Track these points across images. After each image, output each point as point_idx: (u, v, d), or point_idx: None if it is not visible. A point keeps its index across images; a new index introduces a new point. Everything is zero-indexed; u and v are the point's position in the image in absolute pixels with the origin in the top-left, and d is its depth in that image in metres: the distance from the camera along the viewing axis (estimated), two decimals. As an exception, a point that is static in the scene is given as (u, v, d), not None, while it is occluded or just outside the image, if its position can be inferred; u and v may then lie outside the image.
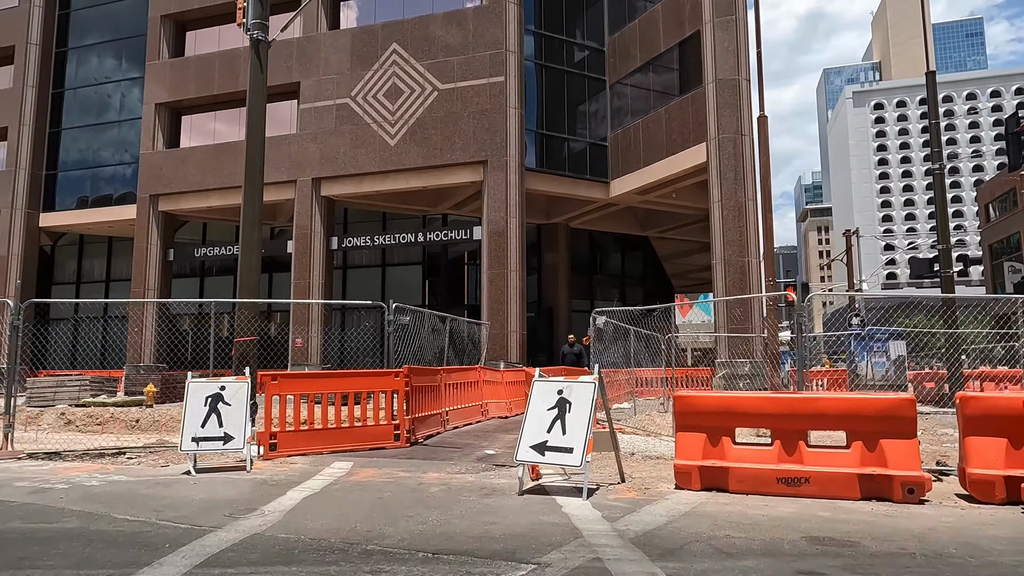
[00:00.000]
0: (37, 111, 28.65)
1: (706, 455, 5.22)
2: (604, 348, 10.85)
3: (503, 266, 21.04)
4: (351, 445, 7.43)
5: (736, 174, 19.33)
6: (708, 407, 5.32)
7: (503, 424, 10.84)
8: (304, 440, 7.23)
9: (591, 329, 10.43)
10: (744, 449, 5.22)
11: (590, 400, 5.20)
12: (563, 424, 5.17)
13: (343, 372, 8.15)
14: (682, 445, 5.35)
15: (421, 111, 22.42)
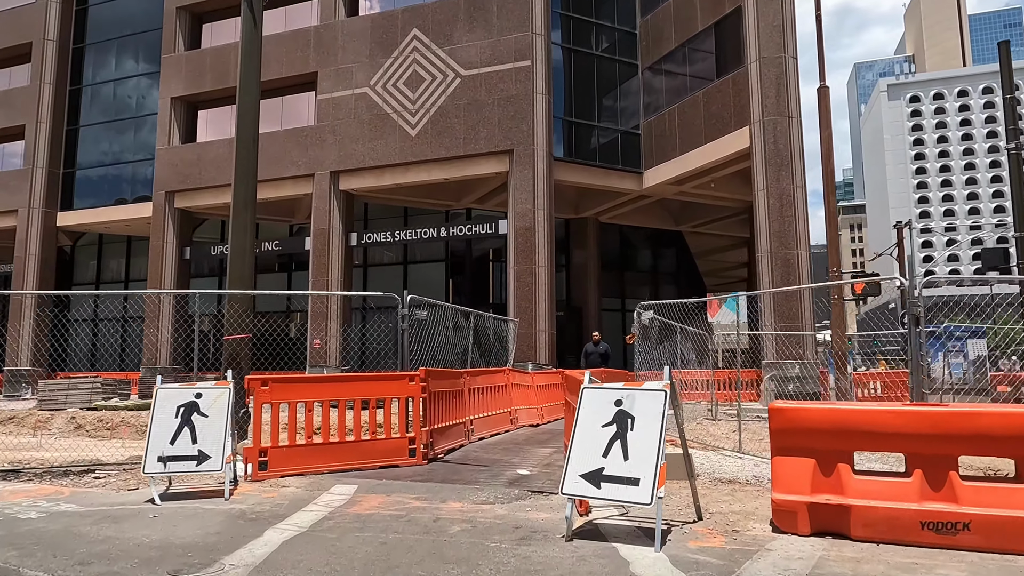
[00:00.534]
0: (54, 108, 28.13)
1: (816, 488, 3.90)
2: (650, 347, 9.52)
3: (530, 261, 19.77)
4: (357, 463, 6.23)
5: (782, 160, 17.81)
6: (818, 423, 3.99)
7: (535, 434, 9.57)
8: (300, 457, 6.04)
9: (635, 326, 9.13)
10: (869, 481, 3.88)
11: (660, 414, 3.91)
12: (624, 446, 3.89)
13: (349, 376, 6.96)
14: (782, 473, 4.03)
15: (443, 99, 21.27)
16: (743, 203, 24.77)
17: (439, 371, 7.40)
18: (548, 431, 10.03)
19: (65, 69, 28.73)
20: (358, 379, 6.56)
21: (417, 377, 6.66)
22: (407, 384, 6.59)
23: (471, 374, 8.64)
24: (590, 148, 22.88)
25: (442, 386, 7.28)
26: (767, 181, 17.92)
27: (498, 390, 9.58)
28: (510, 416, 9.89)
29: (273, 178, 23.33)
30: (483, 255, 26.74)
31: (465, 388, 8.23)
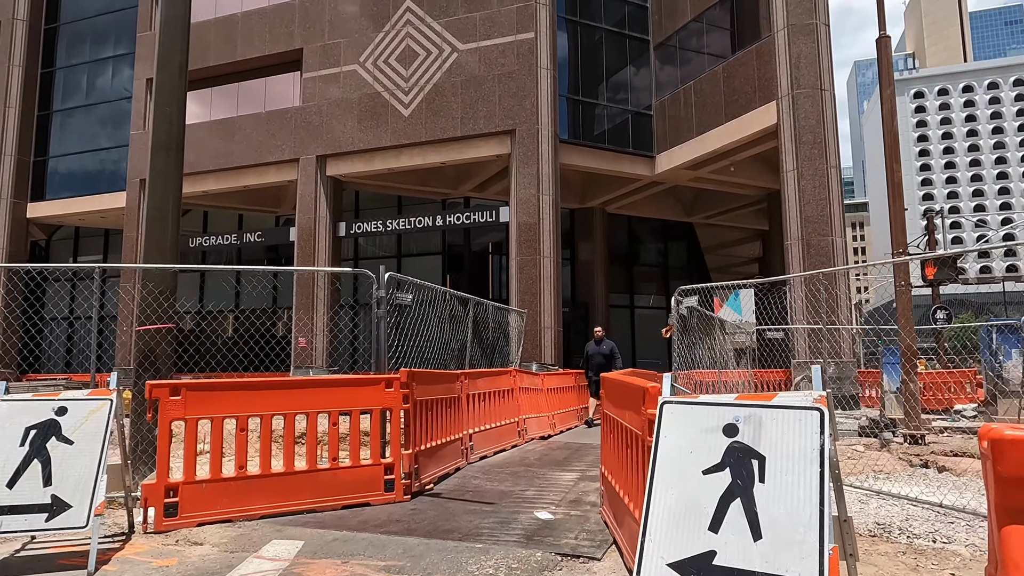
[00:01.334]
0: (24, 92, 26.33)
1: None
2: (691, 343, 7.75)
3: (535, 251, 18.00)
4: (311, 501, 4.47)
5: (815, 136, 16.06)
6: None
7: (548, 450, 7.80)
8: (228, 496, 4.27)
9: (672, 317, 7.37)
10: None
11: (813, 452, 2.13)
12: (750, 510, 2.11)
13: (303, 381, 5.17)
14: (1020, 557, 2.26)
15: (439, 76, 19.50)
16: (761, 191, 23.05)
17: (428, 373, 5.63)
18: (564, 445, 8.26)
19: (36, 51, 26.94)
20: (316, 384, 4.80)
21: (397, 381, 4.90)
22: (382, 391, 4.82)
23: (470, 376, 6.87)
24: (598, 130, 21.13)
25: (432, 392, 5.51)
26: (797, 161, 16.18)
27: (503, 396, 7.81)
28: (518, 427, 8.13)
29: (255, 164, 21.61)
30: (483, 246, 24.98)
31: (462, 394, 6.47)
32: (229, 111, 22.84)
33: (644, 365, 27.72)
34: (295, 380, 4.98)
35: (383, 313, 5.20)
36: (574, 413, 10.87)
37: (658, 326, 28.18)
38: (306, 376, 10.74)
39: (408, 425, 5.01)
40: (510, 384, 8.13)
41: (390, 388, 4.87)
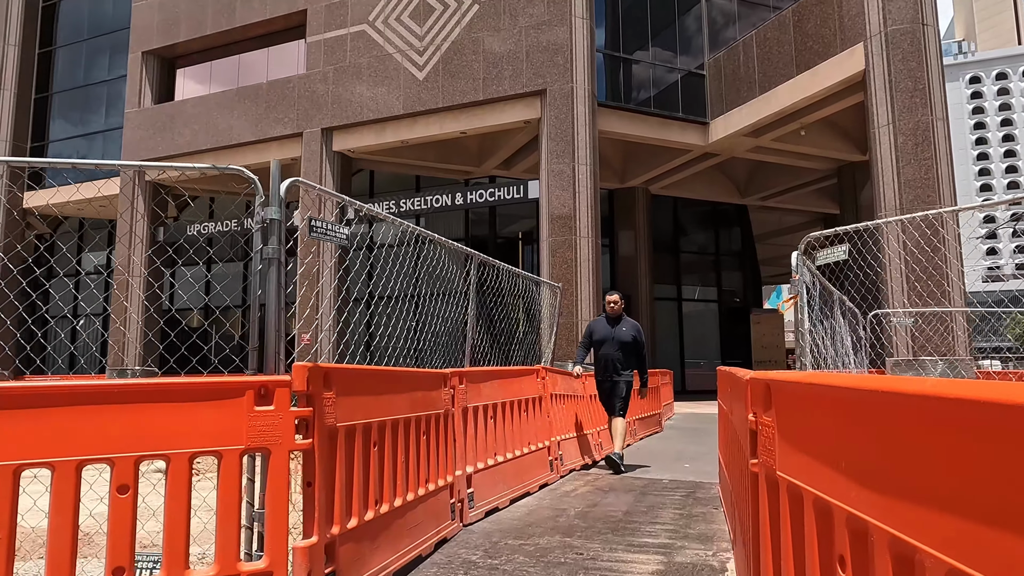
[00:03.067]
0: (21, 72, 24.60)
1: None
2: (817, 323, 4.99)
3: (569, 231, 15.28)
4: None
5: (916, 83, 13.02)
6: None
7: (596, 496, 5.07)
8: None
9: (792, 287, 4.63)
10: None
11: None
12: None
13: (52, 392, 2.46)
14: None
15: (457, 32, 16.92)
16: (831, 164, 19.95)
17: (367, 373, 2.95)
18: (618, 483, 5.53)
19: (34, 29, 25.23)
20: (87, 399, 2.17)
21: (283, 389, 2.26)
22: (246, 410, 2.19)
23: (470, 379, 4.19)
24: (642, 92, 18.30)
25: (377, 408, 2.85)
26: (893, 113, 13.14)
27: (527, 408, 5.12)
28: (549, 454, 5.43)
29: (255, 140, 19.33)
30: (511, 228, 22.37)
31: (454, 408, 3.80)
32: (229, 86, 20.64)
33: (692, 365, 24.81)
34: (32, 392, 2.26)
35: (273, 252, 2.58)
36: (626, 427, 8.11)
37: (707, 320, 25.28)
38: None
39: (317, 480, 2.35)
40: (536, 390, 5.43)
41: (266, 405, 2.25)
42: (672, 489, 5.18)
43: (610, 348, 6.56)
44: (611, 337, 6.60)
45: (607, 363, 6.57)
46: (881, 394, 1.01)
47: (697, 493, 5.00)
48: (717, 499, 4.75)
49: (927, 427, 0.88)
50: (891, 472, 0.98)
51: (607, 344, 6.60)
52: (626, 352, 6.57)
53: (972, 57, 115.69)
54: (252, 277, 2.63)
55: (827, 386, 1.31)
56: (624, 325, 6.66)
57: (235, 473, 2.20)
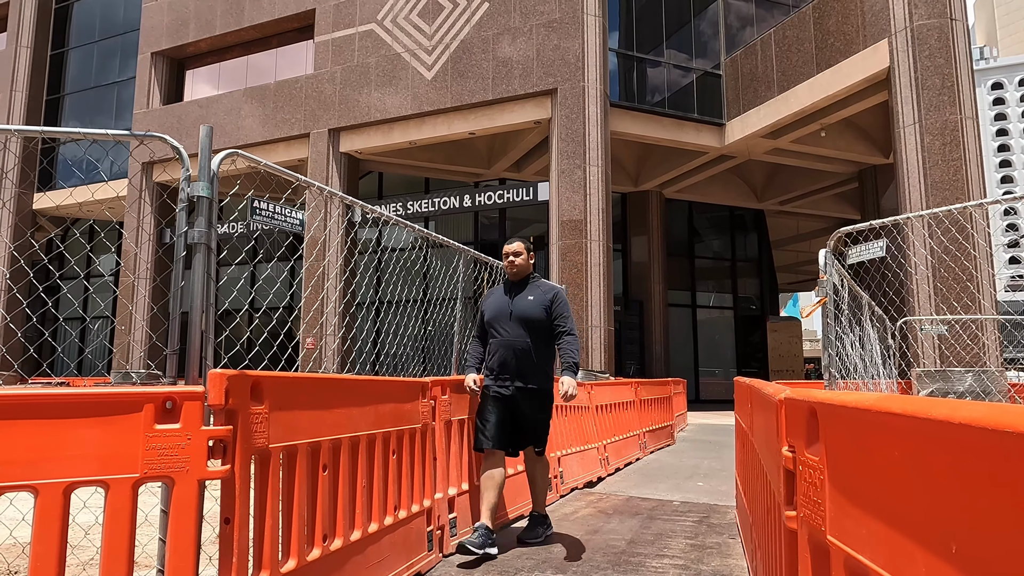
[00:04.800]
0: (33, 73, 24.59)
1: None
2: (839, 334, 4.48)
3: (580, 234, 14.80)
4: None
5: (944, 80, 12.42)
6: None
7: (599, 520, 4.57)
8: None
9: (819, 289, 4.15)
10: None
11: None
12: None
13: None
14: None
15: (467, 30, 16.54)
16: (852, 166, 19.31)
17: (313, 381, 2.48)
18: (624, 505, 5.04)
19: (46, 31, 25.22)
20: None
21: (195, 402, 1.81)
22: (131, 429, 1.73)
23: (452, 388, 3.73)
24: (656, 92, 17.80)
25: (331, 425, 2.38)
26: (920, 112, 12.54)
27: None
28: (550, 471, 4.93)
29: (262, 141, 19.06)
30: (521, 230, 21.90)
31: (435, 422, 3.34)
32: (238, 84, 20.43)
33: (707, 374, 24.16)
34: None
35: (200, 237, 2.13)
36: (634, 441, 7.61)
37: (722, 328, 24.64)
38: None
39: (236, 516, 1.88)
40: (535, 400, 4.94)
41: (170, 422, 1.80)
42: (683, 513, 4.66)
43: (506, 331, 3.85)
44: (507, 312, 3.89)
45: (502, 359, 3.82)
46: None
47: (711, 518, 4.48)
48: (734, 526, 4.24)
49: None
50: None
51: (501, 324, 3.89)
52: (535, 336, 3.83)
53: (994, 63, 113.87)
54: (175, 265, 2.18)
55: (920, 418, 0.82)
56: (531, 292, 3.93)
57: (125, 509, 1.75)
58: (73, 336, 27.39)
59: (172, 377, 2.09)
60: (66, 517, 1.70)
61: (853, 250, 4.09)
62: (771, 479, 1.67)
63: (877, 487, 0.95)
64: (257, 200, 2.45)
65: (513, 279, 4.05)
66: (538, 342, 3.87)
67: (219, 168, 2.26)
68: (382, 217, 3.93)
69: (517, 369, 3.80)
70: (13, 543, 3.24)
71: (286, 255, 22.39)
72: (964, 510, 0.73)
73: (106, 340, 26.60)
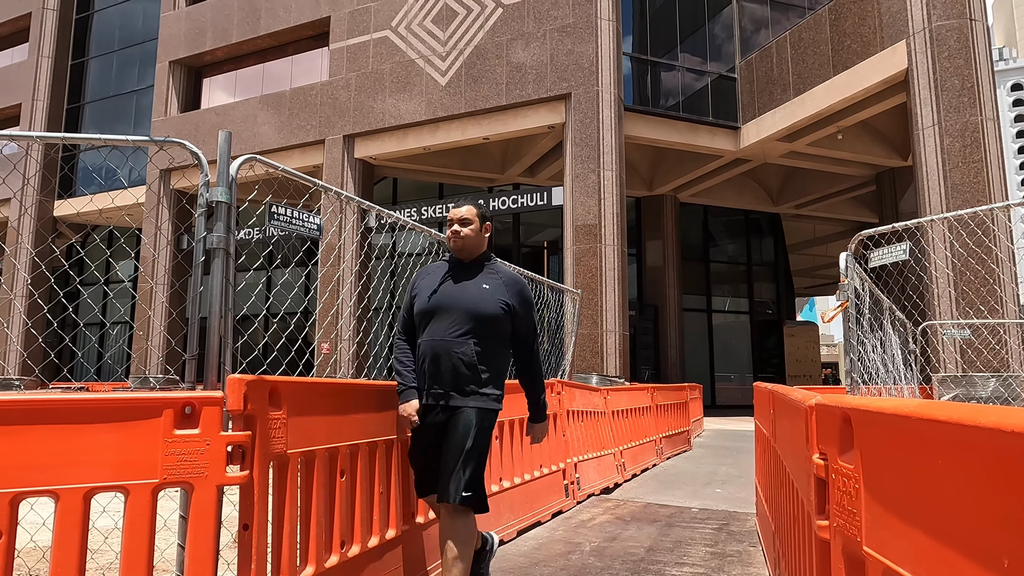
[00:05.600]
0: (54, 83, 24.98)
1: None
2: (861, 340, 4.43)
3: (594, 238, 14.75)
4: None
5: (963, 81, 12.26)
6: None
7: (616, 527, 4.51)
8: None
9: (841, 293, 4.09)
10: None
11: None
12: None
13: None
14: None
15: (480, 36, 16.59)
16: (870, 169, 19.12)
17: (332, 389, 2.47)
18: (642, 512, 4.99)
19: (67, 41, 25.62)
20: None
21: (214, 407, 1.81)
22: (151, 434, 1.73)
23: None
24: (671, 96, 17.74)
25: (349, 431, 2.36)
26: (939, 113, 12.39)
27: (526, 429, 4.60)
28: (564, 477, 4.91)
29: (278, 148, 19.21)
30: (535, 235, 21.93)
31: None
32: (254, 91, 20.63)
33: (722, 379, 23.96)
34: None
35: (219, 242, 2.13)
36: (651, 446, 7.54)
37: (738, 332, 24.44)
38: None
39: (256, 522, 1.88)
40: (551, 406, 4.92)
41: (189, 428, 1.79)
42: (702, 520, 4.61)
43: (445, 329, 2.78)
44: (449, 302, 2.82)
45: (435, 369, 2.76)
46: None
47: (731, 526, 4.42)
48: (754, 534, 4.17)
49: None
50: None
51: (439, 319, 2.81)
52: (486, 340, 2.78)
53: (1014, 64, 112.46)
54: (193, 271, 2.19)
55: (968, 427, 0.80)
56: (486, 280, 2.90)
57: (145, 515, 1.74)
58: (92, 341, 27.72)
59: (191, 382, 2.09)
60: (86, 523, 1.70)
61: (875, 253, 4.03)
62: (799, 487, 1.63)
63: (919, 497, 0.91)
64: (275, 205, 2.45)
65: (461, 258, 2.93)
66: (489, 349, 2.74)
67: (237, 173, 2.26)
68: (398, 222, 3.93)
69: (454, 383, 2.67)
70: (34, 547, 3.26)
71: (303, 260, 22.53)
72: (1019, 522, 0.70)
73: (125, 345, 26.89)
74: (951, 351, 11.95)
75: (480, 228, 3.03)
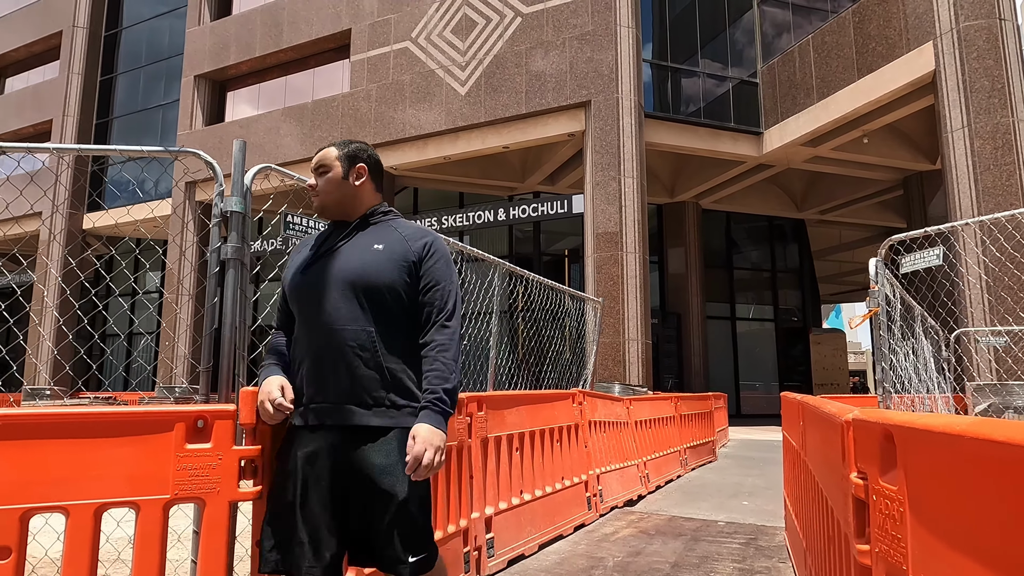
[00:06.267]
0: (84, 99, 25.56)
1: None
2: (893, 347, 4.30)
3: (616, 246, 14.64)
4: None
5: (994, 82, 11.99)
6: None
7: (640, 541, 4.42)
8: None
9: (871, 299, 3.96)
10: None
11: None
12: None
13: None
14: None
15: (500, 45, 16.63)
16: (896, 173, 18.76)
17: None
18: (666, 525, 4.88)
19: (96, 57, 26.22)
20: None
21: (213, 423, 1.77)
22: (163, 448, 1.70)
23: (490, 404, 3.66)
24: (692, 103, 17.60)
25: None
26: (969, 115, 12.11)
27: (559, 439, 4.53)
28: (587, 490, 4.82)
29: (300, 159, 19.39)
30: (556, 243, 21.86)
31: (470, 440, 3.27)
32: (277, 104, 20.90)
33: (747, 388, 23.61)
34: None
35: (234, 252, 2.11)
36: (675, 457, 7.41)
37: (763, 340, 24.08)
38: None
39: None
40: (572, 416, 4.83)
41: (201, 442, 1.75)
42: (729, 535, 4.48)
43: (327, 312, 1.89)
44: (326, 280, 1.93)
45: (317, 368, 1.89)
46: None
47: (759, 540, 4.29)
48: (783, 549, 4.04)
49: None
50: None
51: (316, 301, 1.91)
52: (382, 320, 1.90)
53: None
54: (208, 281, 2.16)
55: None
56: (378, 238, 1.98)
57: (156, 531, 1.71)
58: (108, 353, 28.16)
59: (205, 394, 2.06)
60: (97, 539, 1.67)
61: (907, 258, 3.90)
62: (834, 505, 1.54)
63: (974, 525, 0.83)
64: (290, 215, 2.42)
65: (331, 218, 2.06)
66: (395, 334, 1.89)
67: (252, 183, 2.24)
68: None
69: (342, 391, 1.84)
70: (48, 561, 3.26)
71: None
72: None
73: (150, 356, 27.29)
74: (986, 359, 11.62)
75: (349, 173, 2.01)
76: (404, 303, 1.92)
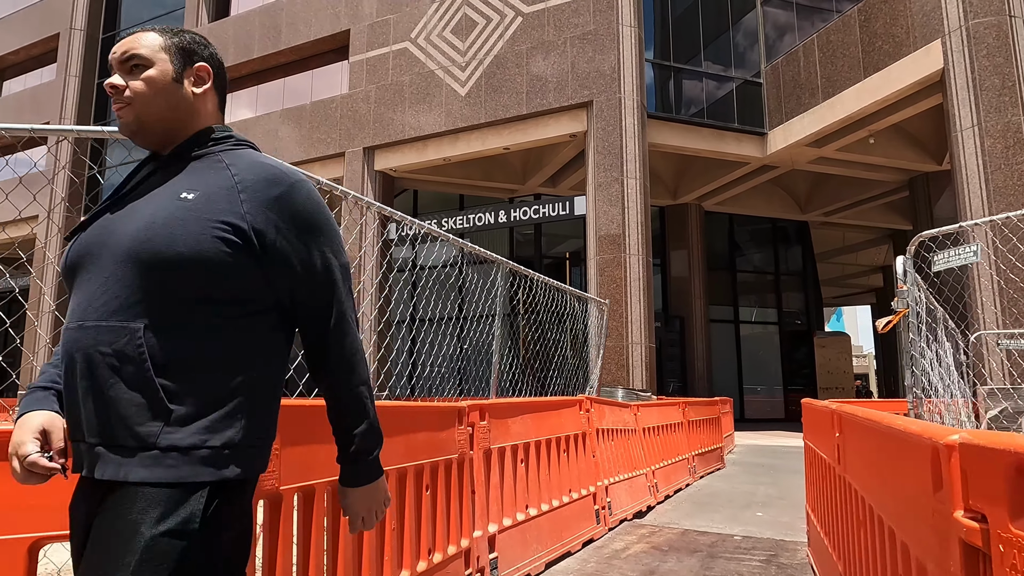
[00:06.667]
0: (80, 101, 25.35)
1: None
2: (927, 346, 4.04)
3: (618, 248, 14.40)
4: None
5: (1004, 80, 11.76)
6: None
7: (653, 558, 4.19)
8: None
9: (899, 300, 3.70)
10: None
11: None
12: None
13: None
14: None
15: (500, 45, 16.42)
16: (903, 174, 18.52)
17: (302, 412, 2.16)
18: (679, 539, 4.62)
19: (93, 59, 26.02)
20: None
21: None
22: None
23: (494, 413, 3.41)
24: (695, 103, 17.38)
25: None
26: (978, 114, 11.88)
27: (567, 448, 4.28)
28: (595, 502, 4.56)
29: (299, 161, 19.15)
30: (557, 246, 21.64)
31: (472, 452, 3.03)
32: (275, 106, 20.69)
33: (750, 392, 23.33)
34: None
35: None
36: (683, 465, 7.15)
37: (766, 344, 23.81)
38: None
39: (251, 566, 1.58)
40: (579, 425, 4.58)
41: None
42: (747, 550, 4.23)
43: (92, 298, 1.15)
44: (97, 249, 1.18)
45: (70, 387, 1.16)
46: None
47: (780, 557, 4.04)
48: (807, 567, 3.79)
49: None
50: None
51: (86, 281, 1.17)
52: (176, 308, 1.14)
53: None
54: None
55: None
56: (192, 183, 1.22)
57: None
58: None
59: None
60: None
61: (940, 256, 3.66)
62: (907, 541, 1.30)
63: None
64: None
65: (145, 144, 1.34)
66: (187, 335, 1.15)
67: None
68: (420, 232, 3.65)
69: (104, 423, 1.12)
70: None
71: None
72: None
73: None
74: (999, 362, 11.37)
75: (180, 73, 1.34)
76: (212, 287, 1.15)
